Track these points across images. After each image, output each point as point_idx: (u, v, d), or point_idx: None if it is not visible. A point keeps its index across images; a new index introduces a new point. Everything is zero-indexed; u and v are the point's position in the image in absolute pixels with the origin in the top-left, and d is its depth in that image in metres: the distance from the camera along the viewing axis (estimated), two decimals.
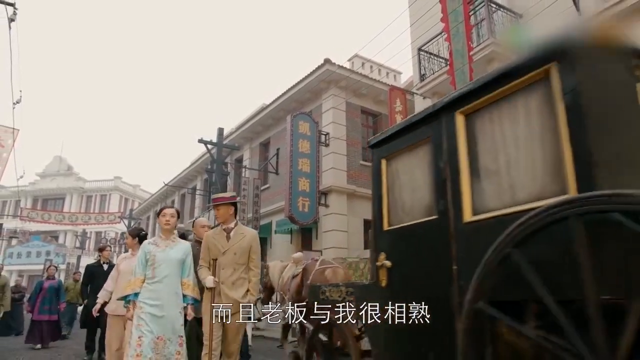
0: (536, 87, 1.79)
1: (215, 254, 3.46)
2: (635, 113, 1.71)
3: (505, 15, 7.94)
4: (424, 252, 2.23)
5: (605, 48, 1.77)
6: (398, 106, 9.48)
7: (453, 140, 2.10)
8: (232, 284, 3.41)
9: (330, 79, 11.84)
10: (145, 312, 3.22)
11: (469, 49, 6.96)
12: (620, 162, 1.61)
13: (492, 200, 1.93)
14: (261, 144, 15.43)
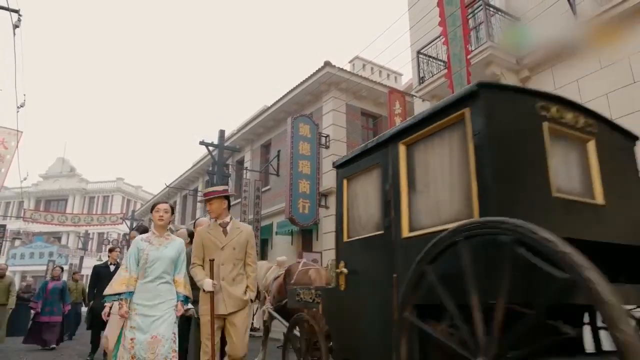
0: (456, 127, 2.09)
1: (212, 250, 3.33)
2: (540, 149, 1.98)
3: (503, 19, 8.00)
4: (373, 262, 2.55)
5: (513, 92, 2.10)
6: (397, 108, 9.55)
7: (396, 167, 2.44)
8: (232, 280, 3.30)
9: (330, 81, 11.92)
10: (139, 313, 3.12)
11: (466, 52, 7.02)
12: (518, 193, 1.89)
13: (423, 219, 2.26)
14: (262, 146, 15.52)
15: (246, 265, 3.44)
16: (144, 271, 3.22)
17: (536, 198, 1.92)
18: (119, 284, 3.23)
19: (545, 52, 7.38)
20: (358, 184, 2.88)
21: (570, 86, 7.08)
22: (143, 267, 3.22)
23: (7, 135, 18.02)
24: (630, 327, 1.24)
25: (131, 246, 3.35)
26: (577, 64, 7.01)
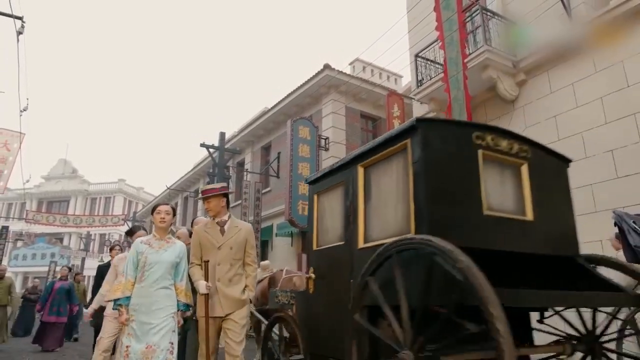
0: (400, 155, 2.41)
1: (208, 250, 3.25)
2: (474, 173, 2.29)
3: (500, 23, 8.08)
4: (336, 269, 2.85)
5: (450, 125, 2.54)
6: (396, 111, 9.63)
7: (355, 186, 2.76)
8: (229, 280, 3.19)
9: (330, 84, 12.01)
10: (137, 320, 2.98)
11: (463, 56, 7.10)
12: (451, 213, 2.19)
13: (374, 233, 2.59)
14: (262, 148, 15.61)
15: (246, 265, 3.34)
16: (142, 275, 3.08)
17: (468, 216, 2.22)
18: (114, 290, 3.13)
19: (541, 56, 7.47)
20: (326, 199, 3.21)
21: (566, 89, 7.16)
22: (141, 270, 3.09)
23: (10, 138, 18.17)
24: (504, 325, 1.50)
25: (131, 249, 3.23)
26: (573, 68, 7.10)
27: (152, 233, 3.33)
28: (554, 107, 7.28)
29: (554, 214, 2.62)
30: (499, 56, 7.66)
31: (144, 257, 3.10)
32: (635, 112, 6.14)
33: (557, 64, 7.34)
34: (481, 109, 8.57)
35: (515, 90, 7.88)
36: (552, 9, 7.31)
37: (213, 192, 3.35)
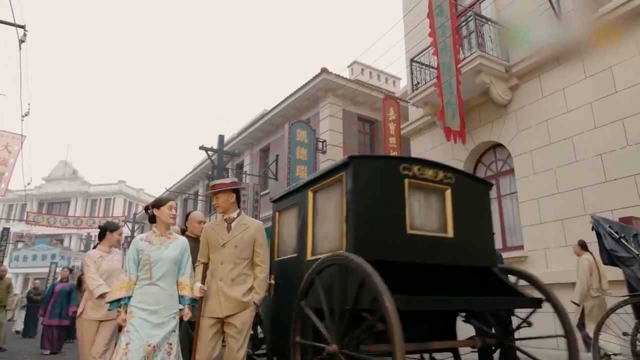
0: (339, 184, 2.94)
1: (213, 248, 3.13)
2: (400, 199, 2.79)
3: (493, 29, 8.21)
4: (290, 277, 3.28)
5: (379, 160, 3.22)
6: (392, 115, 9.76)
7: (306, 207, 3.25)
8: (231, 280, 3.03)
9: (327, 87, 12.14)
10: (136, 317, 2.86)
11: (456, 61, 7.22)
12: (376, 233, 2.68)
13: (318, 247, 3.11)
14: (261, 150, 15.75)
15: (254, 265, 3.17)
16: (144, 273, 2.97)
17: (392, 235, 2.71)
18: (118, 289, 2.99)
19: (533, 61, 7.59)
20: (285, 217, 3.71)
21: (556, 94, 7.30)
22: (143, 268, 2.98)
23: (11, 140, 18.31)
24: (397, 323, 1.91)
25: (130, 247, 3.11)
26: (563, 73, 7.23)
27: (151, 229, 3.19)
28: (546, 111, 7.41)
29: (472, 231, 3.12)
30: (491, 61, 7.78)
31: (146, 255, 2.98)
32: (622, 117, 6.27)
33: (549, 69, 7.47)
34: (475, 113, 8.71)
35: (508, 95, 8.01)
36: (544, 15, 7.47)
37: (222, 187, 3.19)
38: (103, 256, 4.00)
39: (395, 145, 9.44)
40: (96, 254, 4.00)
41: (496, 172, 8.61)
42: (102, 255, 4.00)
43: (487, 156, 8.84)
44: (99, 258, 3.95)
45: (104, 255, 4.01)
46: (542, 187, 7.29)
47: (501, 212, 8.36)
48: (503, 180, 8.43)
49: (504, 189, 8.39)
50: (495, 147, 8.55)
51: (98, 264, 3.90)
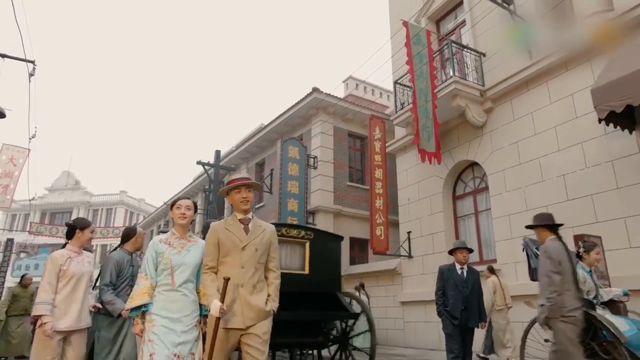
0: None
1: (229, 250, 2.78)
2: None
3: (469, 55, 8.78)
4: None
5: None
6: (377, 134, 10.28)
7: None
8: (253, 287, 2.74)
9: (318, 105, 12.70)
10: (159, 325, 2.66)
11: (433, 87, 7.77)
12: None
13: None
14: (257, 164, 16.30)
15: (269, 270, 2.89)
16: (165, 278, 2.78)
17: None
18: (140, 295, 2.74)
19: (505, 86, 8.13)
20: None
21: (526, 118, 7.82)
22: (163, 273, 2.78)
23: (17, 153, 18.86)
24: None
25: (148, 249, 2.88)
26: (532, 98, 7.76)
27: (170, 231, 3.00)
28: (516, 133, 7.94)
29: (324, 269, 5.29)
30: (466, 86, 8.33)
31: (167, 258, 2.79)
32: (582, 141, 6.77)
33: (519, 94, 8.00)
34: (454, 133, 9.24)
35: (483, 117, 8.54)
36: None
37: (249, 182, 2.90)
38: (72, 257, 3.41)
39: (380, 162, 9.96)
40: (63, 255, 3.39)
41: (474, 189, 9.11)
42: (71, 257, 3.41)
43: (466, 174, 9.35)
44: (66, 260, 3.37)
45: (73, 257, 3.42)
46: (513, 204, 7.78)
47: (478, 227, 8.86)
48: (480, 196, 8.93)
49: (480, 205, 8.89)
50: (473, 166, 9.07)
51: (65, 266, 3.34)
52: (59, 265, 3.32)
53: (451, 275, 4.99)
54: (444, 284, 4.98)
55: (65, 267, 3.33)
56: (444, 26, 10.70)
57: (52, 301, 3.20)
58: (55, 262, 3.32)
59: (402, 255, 9.91)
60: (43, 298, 3.19)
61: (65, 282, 3.31)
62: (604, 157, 6.47)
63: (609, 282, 5.78)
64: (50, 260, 3.35)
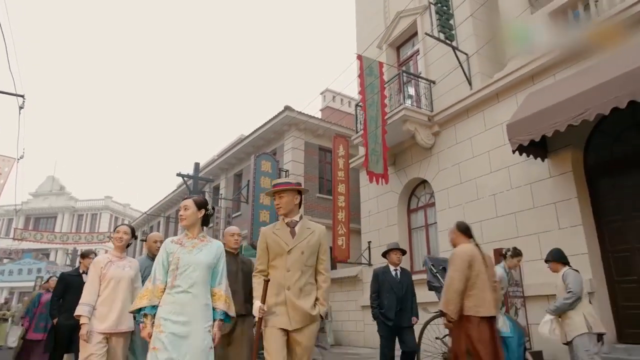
0: None
1: (277, 254, 2.81)
2: None
3: (421, 82, 9.74)
4: None
5: None
6: (341, 151, 11.16)
7: None
8: (299, 290, 2.73)
9: (290, 122, 13.59)
10: (166, 332, 2.53)
11: (383, 114, 8.68)
12: None
13: None
14: (235, 175, 17.11)
15: (318, 273, 2.87)
16: (175, 279, 2.67)
17: None
18: (139, 298, 2.68)
19: (450, 112, 9.08)
20: None
21: (466, 142, 8.78)
22: (173, 273, 2.69)
23: (2, 162, 19.38)
24: None
25: (160, 250, 2.83)
26: (471, 125, 8.72)
27: (183, 232, 2.94)
28: (458, 155, 8.89)
29: None
30: (415, 112, 9.26)
31: (176, 258, 2.71)
32: (508, 165, 7.74)
33: (461, 120, 8.96)
34: (408, 153, 10.18)
35: (431, 140, 9.49)
36: (457, 72, 8.95)
37: (287, 187, 2.90)
38: (113, 261, 3.52)
39: (343, 178, 10.85)
40: (105, 259, 3.53)
41: (425, 203, 10.06)
42: (112, 260, 3.52)
43: (419, 190, 10.29)
44: (107, 263, 3.48)
45: (114, 260, 3.53)
46: (454, 219, 8.67)
47: (428, 239, 9.80)
48: (429, 211, 9.87)
49: (430, 219, 9.83)
50: (424, 183, 10.01)
51: (105, 269, 3.44)
52: (99, 268, 3.44)
53: (386, 278, 5.01)
54: (379, 287, 5.01)
55: (105, 271, 3.43)
56: (404, 52, 11.65)
57: (93, 303, 3.33)
58: (96, 266, 3.46)
59: (363, 263, 10.81)
60: (85, 299, 3.34)
61: (105, 285, 3.40)
62: (524, 181, 7.44)
63: (523, 289, 6.78)
64: (93, 264, 3.50)
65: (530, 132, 6.29)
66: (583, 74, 6.38)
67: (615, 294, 6.24)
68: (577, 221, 6.58)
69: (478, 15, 9.18)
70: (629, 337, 5.97)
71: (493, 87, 8.11)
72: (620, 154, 6.63)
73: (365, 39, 12.27)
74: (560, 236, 6.70)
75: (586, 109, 5.56)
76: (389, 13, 11.80)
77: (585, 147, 7.00)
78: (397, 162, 10.42)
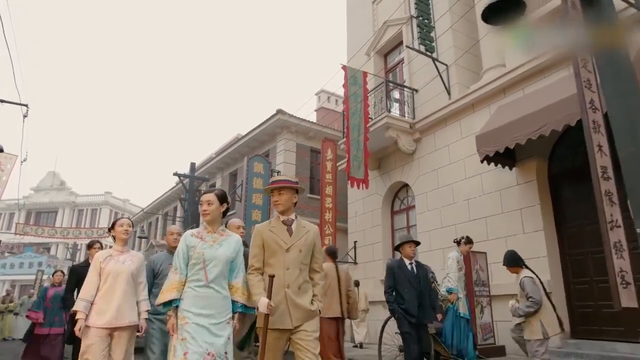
0: None
1: (274, 252, 2.83)
2: None
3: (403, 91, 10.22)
4: None
5: None
6: (329, 155, 11.65)
7: None
8: (298, 288, 2.80)
9: (283, 125, 14.08)
10: (191, 322, 2.61)
11: (365, 122, 9.17)
12: None
13: None
14: (230, 174, 17.62)
15: (312, 271, 2.93)
16: (196, 273, 2.73)
17: None
18: (168, 290, 2.72)
19: (430, 120, 9.57)
20: None
21: (444, 149, 9.28)
22: (194, 267, 2.74)
23: (4, 159, 19.90)
24: None
25: (180, 243, 2.86)
26: (448, 132, 9.22)
27: (202, 225, 2.97)
28: (437, 161, 9.39)
29: None
30: (397, 120, 9.76)
31: (199, 252, 2.75)
32: (481, 172, 8.23)
33: (440, 128, 9.45)
34: (392, 158, 10.67)
35: (412, 146, 9.98)
36: (437, 81, 9.43)
37: (286, 184, 2.96)
38: (113, 255, 3.50)
39: (331, 180, 11.35)
40: (105, 254, 3.53)
41: (407, 206, 10.57)
42: (112, 255, 3.50)
43: (401, 192, 10.80)
44: (106, 258, 3.47)
45: (115, 255, 3.51)
46: (432, 221, 9.25)
47: None
48: (411, 213, 10.38)
49: (412, 220, 10.34)
50: (407, 186, 10.51)
51: (104, 264, 3.42)
52: (98, 263, 3.43)
53: (402, 272, 4.69)
54: (395, 282, 4.68)
55: (104, 265, 3.42)
56: (391, 59, 12.12)
57: (90, 298, 3.32)
58: (96, 261, 3.46)
59: (349, 262, 11.33)
60: (82, 295, 3.35)
61: (104, 280, 3.38)
62: (494, 187, 7.95)
63: (489, 288, 7.28)
64: (93, 259, 3.50)
65: (496, 144, 6.80)
66: (547, 90, 6.87)
67: (570, 294, 6.77)
68: (539, 226, 7.09)
69: (458, 27, 9.65)
70: (581, 332, 6.52)
71: (469, 98, 8.60)
72: (580, 164, 7.12)
73: (356, 45, 12.73)
74: (525, 240, 7.22)
75: (543, 125, 6.07)
76: (378, 22, 12.25)
77: (551, 157, 7.49)
78: (382, 166, 10.93)
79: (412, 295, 4.56)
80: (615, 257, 3.63)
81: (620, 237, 3.75)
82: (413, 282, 4.62)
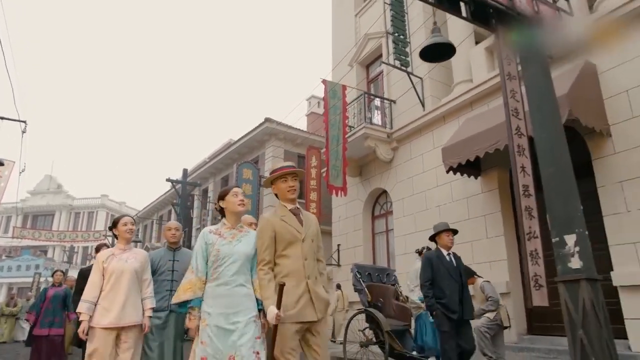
0: None
1: (289, 243, 2.66)
2: None
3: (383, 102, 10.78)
4: None
5: None
6: (314, 162, 12.19)
7: None
8: (315, 278, 2.68)
9: (271, 133, 14.64)
10: (211, 324, 2.52)
11: (344, 133, 9.72)
12: None
13: None
14: (222, 179, 18.16)
15: (318, 261, 2.80)
16: (215, 270, 2.64)
17: None
18: (183, 290, 2.65)
19: (406, 130, 10.13)
20: None
21: (418, 158, 9.85)
22: (213, 265, 2.65)
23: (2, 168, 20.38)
24: None
25: (198, 241, 2.77)
26: (422, 142, 9.78)
27: (221, 222, 2.91)
28: (412, 169, 9.95)
29: None
30: (375, 130, 10.32)
31: (215, 249, 2.67)
32: (451, 181, 8.80)
33: (415, 138, 10.01)
34: (372, 165, 11.23)
35: (390, 154, 10.54)
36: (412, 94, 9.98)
37: (295, 170, 2.83)
38: (116, 254, 3.46)
39: (315, 186, 11.89)
40: (107, 253, 3.48)
41: (386, 211, 11.13)
42: (115, 254, 3.46)
43: (382, 198, 11.37)
44: (108, 257, 3.42)
45: (117, 254, 3.46)
46: (408, 226, 9.81)
47: (387, 243, 10.88)
48: (390, 218, 10.94)
49: (390, 225, 10.90)
50: (385, 193, 11.07)
51: (107, 263, 3.38)
52: (101, 263, 3.39)
53: (441, 263, 4.30)
54: (433, 274, 4.26)
55: (106, 265, 3.37)
56: (372, 70, 12.69)
57: (93, 299, 3.27)
58: (98, 261, 3.42)
59: (332, 264, 11.88)
60: (85, 296, 3.29)
61: (107, 280, 3.34)
62: (462, 195, 8.52)
63: None
64: (96, 259, 3.48)
65: (459, 156, 7.37)
66: None
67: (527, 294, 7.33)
68: (500, 232, 7.67)
69: None
70: (536, 329, 7.09)
71: (440, 110, 9.17)
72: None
73: (340, 55, 13.27)
74: (488, 244, 7.79)
75: (498, 140, 6.63)
76: (360, 34, 12.80)
77: None
78: (363, 173, 11.49)
79: (454, 289, 4.18)
80: (531, 263, 4.22)
81: (537, 246, 4.35)
82: (454, 274, 4.26)
